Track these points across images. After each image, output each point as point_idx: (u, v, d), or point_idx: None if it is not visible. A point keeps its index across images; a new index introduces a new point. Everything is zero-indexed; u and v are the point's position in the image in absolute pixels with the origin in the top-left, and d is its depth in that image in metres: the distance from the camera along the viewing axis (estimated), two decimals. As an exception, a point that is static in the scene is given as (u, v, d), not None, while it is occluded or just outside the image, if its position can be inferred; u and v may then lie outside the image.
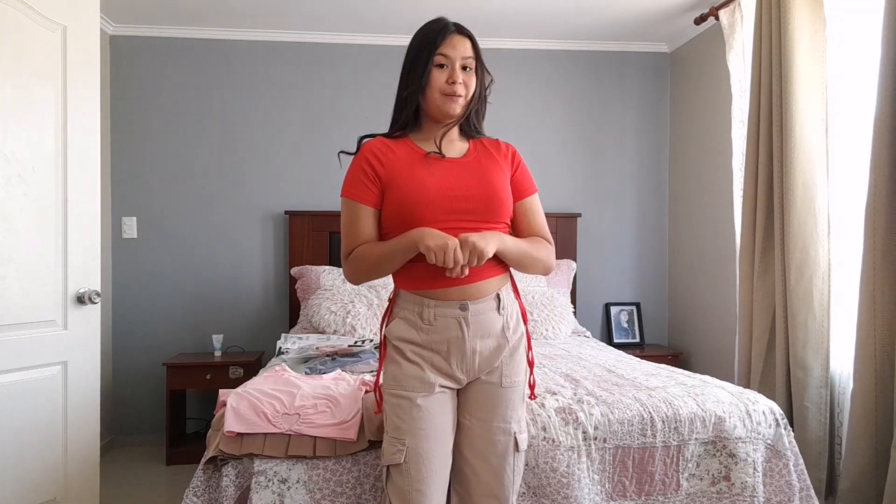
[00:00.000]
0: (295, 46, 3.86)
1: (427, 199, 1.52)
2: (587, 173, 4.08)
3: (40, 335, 2.27)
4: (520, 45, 3.98)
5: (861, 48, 2.62)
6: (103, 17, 3.56)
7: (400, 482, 1.50)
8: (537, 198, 1.70)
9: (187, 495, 1.72)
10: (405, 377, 1.54)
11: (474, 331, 1.54)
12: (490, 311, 1.56)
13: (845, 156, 2.71)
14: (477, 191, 1.56)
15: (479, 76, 1.59)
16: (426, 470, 1.49)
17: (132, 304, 3.78)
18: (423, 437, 1.50)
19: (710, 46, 3.62)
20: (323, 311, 3.31)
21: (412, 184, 1.53)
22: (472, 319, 1.54)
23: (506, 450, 1.55)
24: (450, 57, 1.54)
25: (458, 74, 1.54)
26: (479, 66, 1.59)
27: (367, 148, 1.60)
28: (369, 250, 1.56)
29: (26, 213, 2.23)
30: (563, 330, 3.38)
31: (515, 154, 1.69)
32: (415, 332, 1.55)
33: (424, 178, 1.54)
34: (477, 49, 1.58)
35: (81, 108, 2.38)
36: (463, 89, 1.55)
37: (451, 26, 1.56)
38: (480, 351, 1.55)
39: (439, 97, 1.55)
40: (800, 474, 1.98)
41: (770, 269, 2.88)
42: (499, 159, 1.65)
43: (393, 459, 1.50)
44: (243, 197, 3.85)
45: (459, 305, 1.53)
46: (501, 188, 1.59)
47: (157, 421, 3.77)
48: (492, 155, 1.65)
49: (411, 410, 1.51)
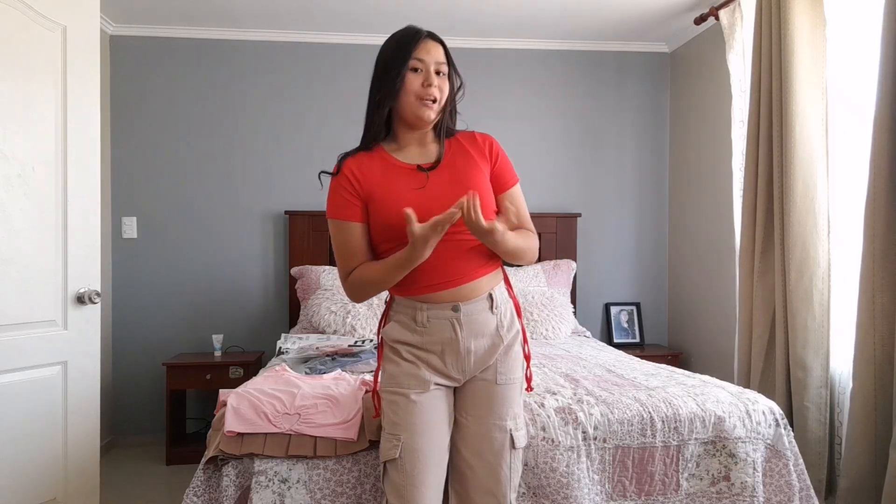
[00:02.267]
0: (295, 46, 3.86)
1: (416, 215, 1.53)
2: (587, 173, 4.08)
3: (40, 335, 2.27)
4: (519, 45, 3.98)
5: (861, 48, 2.62)
6: (103, 17, 3.56)
7: (395, 477, 1.51)
8: (519, 188, 1.69)
9: (187, 495, 1.72)
10: (401, 375, 1.56)
11: (468, 331, 1.56)
12: (483, 311, 1.57)
13: (845, 156, 2.71)
14: (458, 197, 1.52)
15: (451, 81, 1.61)
16: (421, 465, 1.50)
17: (132, 304, 3.78)
18: (418, 433, 1.51)
19: (710, 46, 3.62)
20: (323, 311, 3.31)
21: (391, 198, 1.54)
22: (465, 320, 1.55)
23: (502, 447, 1.56)
24: (424, 61, 1.55)
25: (433, 78, 1.55)
26: (452, 71, 1.60)
27: (344, 167, 1.60)
28: (368, 273, 1.56)
29: (26, 213, 2.23)
30: (563, 330, 3.38)
31: (493, 145, 1.66)
32: (409, 334, 1.57)
33: (402, 192, 1.55)
34: (449, 55, 1.60)
35: (81, 108, 2.38)
36: (437, 93, 1.56)
37: (423, 32, 1.59)
38: (475, 350, 1.57)
39: (414, 101, 1.55)
40: (800, 474, 1.99)
41: (770, 269, 2.88)
42: (475, 156, 1.63)
43: (388, 455, 1.52)
44: (243, 197, 3.85)
45: (451, 307, 1.54)
46: (481, 186, 1.58)
47: (157, 421, 3.77)
48: (468, 153, 1.63)
49: (407, 406, 1.53)
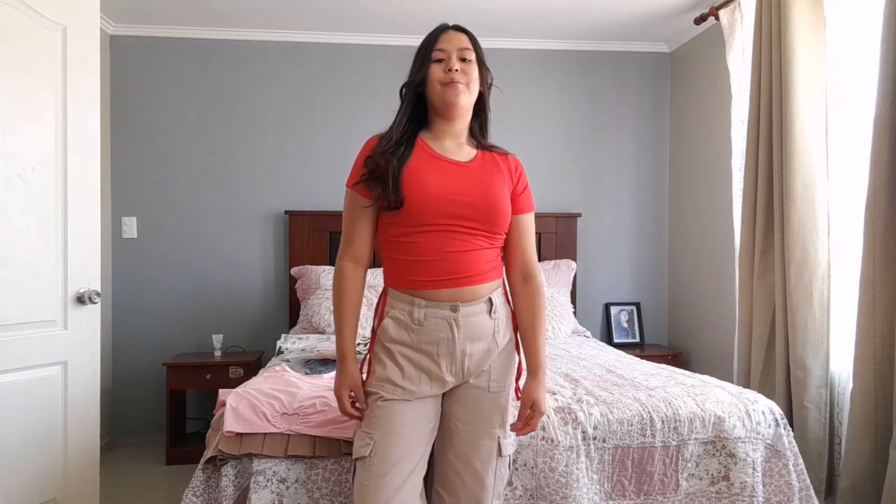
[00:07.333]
0: (295, 46, 3.86)
1: (426, 197, 1.51)
2: (587, 173, 4.08)
3: (40, 335, 2.27)
4: (519, 45, 3.98)
5: (861, 48, 2.62)
6: (103, 17, 3.56)
7: (362, 476, 1.47)
8: (532, 218, 1.69)
9: (187, 495, 1.72)
10: (387, 378, 1.52)
11: (465, 333, 1.54)
12: (481, 314, 1.56)
13: (845, 156, 2.71)
14: (477, 198, 1.55)
15: (481, 75, 1.60)
16: (387, 466, 1.45)
17: (132, 304, 3.78)
18: (393, 435, 1.48)
19: (710, 46, 3.62)
20: (323, 311, 3.31)
21: (415, 181, 1.52)
22: (463, 321, 1.53)
23: (489, 454, 1.55)
24: (446, 50, 1.56)
25: (454, 62, 1.55)
26: (481, 64, 1.60)
27: (373, 140, 1.60)
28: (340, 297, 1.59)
29: (26, 212, 2.23)
30: (563, 330, 3.38)
31: (519, 168, 1.68)
32: (406, 334, 1.54)
33: (427, 176, 1.54)
34: (476, 45, 1.59)
35: (81, 108, 2.38)
36: (462, 76, 1.55)
37: (447, 24, 1.61)
38: (470, 353, 1.55)
39: (440, 88, 1.55)
40: (799, 474, 1.98)
41: (770, 269, 2.88)
42: (503, 171, 1.63)
43: (359, 452, 1.49)
44: (243, 197, 3.85)
45: (450, 307, 1.53)
46: (501, 199, 1.58)
47: (157, 421, 3.77)
48: (497, 165, 1.63)
49: (386, 408, 1.50)
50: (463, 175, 1.57)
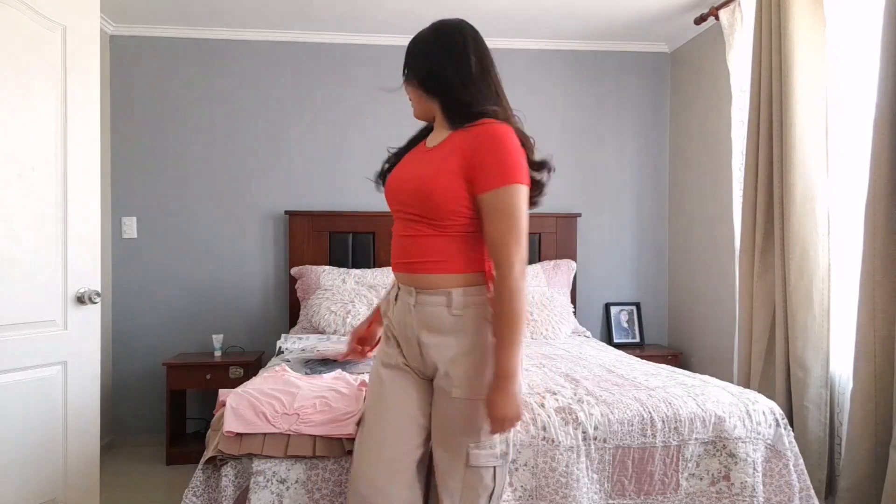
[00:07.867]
0: (295, 46, 3.86)
1: (387, 186, 1.63)
2: (587, 173, 4.08)
3: (40, 335, 2.27)
4: (519, 45, 3.98)
5: (861, 48, 2.62)
6: (103, 17, 3.56)
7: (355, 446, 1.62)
8: (500, 197, 1.42)
9: (186, 495, 1.72)
10: (381, 350, 1.67)
11: (419, 321, 1.53)
12: (438, 306, 1.50)
13: (845, 156, 2.71)
14: (413, 182, 1.51)
15: (415, 78, 1.57)
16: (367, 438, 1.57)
17: (132, 304, 3.78)
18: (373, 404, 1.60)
19: (710, 46, 3.62)
20: (323, 311, 3.31)
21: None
22: (418, 309, 1.53)
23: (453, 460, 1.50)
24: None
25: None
26: (411, 72, 1.58)
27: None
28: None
29: (26, 212, 2.23)
30: (563, 330, 3.38)
31: (479, 139, 1.44)
32: (388, 311, 1.65)
33: (400, 166, 1.63)
34: (407, 59, 1.59)
35: (81, 108, 2.38)
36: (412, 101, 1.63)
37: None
38: (426, 344, 1.52)
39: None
40: (800, 474, 1.98)
41: (770, 269, 2.88)
42: (460, 148, 1.46)
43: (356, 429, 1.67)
44: (243, 197, 3.85)
45: (408, 291, 1.56)
46: (435, 182, 1.45)
47: (157, 421, 3.77)
48: (457, 144, 1.47)
49: (374, 380, 1.64)
50: (422, 161, 1.56)
